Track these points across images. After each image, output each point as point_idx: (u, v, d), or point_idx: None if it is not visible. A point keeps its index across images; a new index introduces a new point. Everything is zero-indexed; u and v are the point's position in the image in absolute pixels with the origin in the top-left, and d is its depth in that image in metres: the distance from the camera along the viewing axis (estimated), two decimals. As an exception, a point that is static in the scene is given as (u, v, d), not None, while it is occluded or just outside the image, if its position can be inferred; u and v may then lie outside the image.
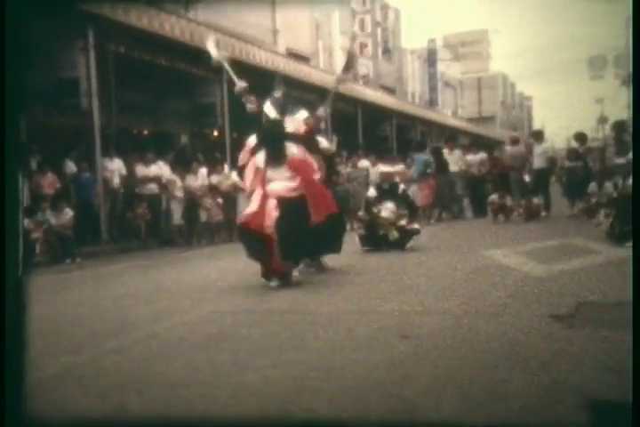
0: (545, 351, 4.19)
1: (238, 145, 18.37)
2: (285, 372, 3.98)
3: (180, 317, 5.93)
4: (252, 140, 7.81)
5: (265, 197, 7.46)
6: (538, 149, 16.90)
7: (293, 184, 7.47)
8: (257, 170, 7.64)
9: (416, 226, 11.00)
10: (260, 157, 7.63)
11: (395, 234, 10.61)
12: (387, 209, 10.82)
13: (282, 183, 7.47)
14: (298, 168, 7.54)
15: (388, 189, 11.28)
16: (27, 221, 11.12)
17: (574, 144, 16.94)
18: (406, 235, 10.70)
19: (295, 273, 7.44)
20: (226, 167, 16.21)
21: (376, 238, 10.68)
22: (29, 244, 11.05)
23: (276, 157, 7.53)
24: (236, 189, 15.43)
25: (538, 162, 16.71)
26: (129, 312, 6.31)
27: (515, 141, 18.16)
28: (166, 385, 3.83)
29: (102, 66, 14.31)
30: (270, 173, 7.54)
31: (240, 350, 4.54)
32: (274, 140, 7.63)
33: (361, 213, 11.32)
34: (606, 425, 3.13)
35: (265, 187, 7.51)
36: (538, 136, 17.96)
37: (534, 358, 4.03)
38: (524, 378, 3.64)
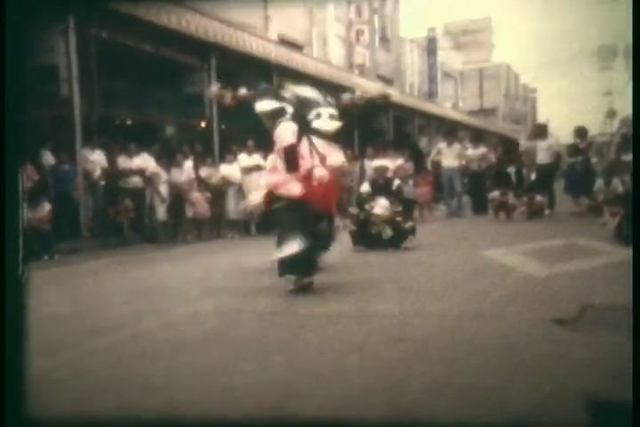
0: (547, 357, 4.19)
1: (226, 137, 18.46)
2: (273, 376, 3.98)
3: (164, 317, 5.92)
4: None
5: None
6: (542, 144, 16.94)
7: None
8: None
9: (412, 224, 10.98)
10: None
11: (388, 232, 10.58)
12: (380, 206, 10.78)
13: None
14: None
15: (381, 185, 11.26)
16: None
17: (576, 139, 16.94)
18: (401, 233, 10.67)
19: None
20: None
21: (369, 237, 10.64)
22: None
23: None
24: (226, 183, 15.44)
25: (542, 157, 16.74)
26: (109, 312, 6.29)
27: (535, 135, 18.20)
28: (148, 389, 3.82)
29: (83, 51, 14.24)
30: None
31: (226, 353, 4.54)
32: None
33: (352, 209, 11.32)
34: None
35: None
36: (542, 130, 18.00)
37: (536, 364, 4.03)
38: (524, 385, 3.64)
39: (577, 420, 3.21)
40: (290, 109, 7.42)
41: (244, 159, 15.23)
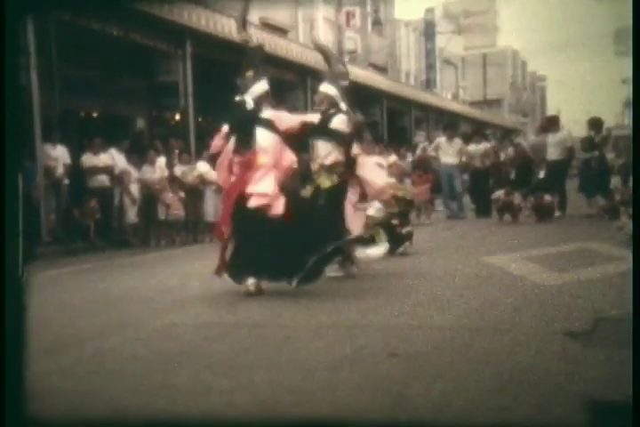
0: (557, 374, 4.20)
1: (204, 131, 18.41)
2: (254, 395, 3.98)
3: (134, 331, 5.92)
4: (226, 125, 7.85)
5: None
6: (553, 139, 16.91)
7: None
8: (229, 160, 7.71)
9: (409, 229, 11.00)
10: (231, 145, 7.68)
11: (382, 237, 10.56)
12: (373, 207, 10.74)
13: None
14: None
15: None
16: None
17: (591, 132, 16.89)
18: (397, 238, 10.66)
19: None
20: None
21: (360, 242, 10.58)
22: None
23: (242, 144, 7.58)
24: (204, 181, 15.40)
25: (553, 153, 16.71)
26: (73, 325, 6.28)
27: (544, 129, 18.22)
28: (115, 411, 3.82)
29: (43, 36, 14.19)
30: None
31: (202, 370, 4.54)
32: (242, 125, 7.67)
33: None
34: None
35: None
36: (553, 123, 17.99)
37: (544, 382, 4.04)
38: (532, 406, 3.65)
39: (577, 420, 3.23)
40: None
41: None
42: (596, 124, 16.88)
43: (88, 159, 14.71)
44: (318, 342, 5.18)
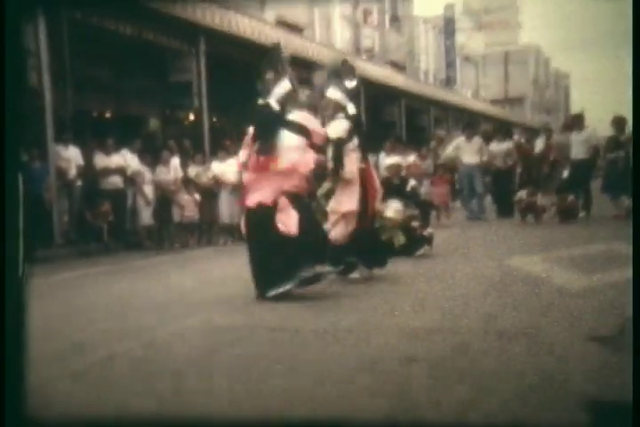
0: (584, 381, 4.15)
1: (218, 131, 18.40)
2: (269, 402, 3.95)
3: (146, 335, 5.90)
4: (251, 128, 7.82)
5: None
6: (577, 137, 16.84)
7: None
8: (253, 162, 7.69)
9: (430, 231, 10.96)
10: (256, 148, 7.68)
11: (401, 239, 10.50)
12: (392, 208, 10.67)
13: None
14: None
15: (395, 185, 11.20)
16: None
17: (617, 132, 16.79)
18: (416, 240, 10.62)
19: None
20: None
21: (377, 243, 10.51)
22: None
23: (267, 147, 7.55)
24: (218, 182, 15.41)
25: (578, 152, 16.64)
26: (85, 329, 6.27)
27: (569, 127, 18.15)
28: (126, 417, 3.80)
29: (55, 35, 14.23)
30: None
31: (216, 375, 4.52)
32: (267, 128, 7.63)
33: None
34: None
35: None
36: (577, 121, 17.89)
37: (571, 389, 3.99)
38: (557, 413, 3.61)
39: (577, 420, 3.19)
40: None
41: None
42: (619, 122, 16.76)
43: (100, 160, 14.73)
44: (335, 347, 5.16)
